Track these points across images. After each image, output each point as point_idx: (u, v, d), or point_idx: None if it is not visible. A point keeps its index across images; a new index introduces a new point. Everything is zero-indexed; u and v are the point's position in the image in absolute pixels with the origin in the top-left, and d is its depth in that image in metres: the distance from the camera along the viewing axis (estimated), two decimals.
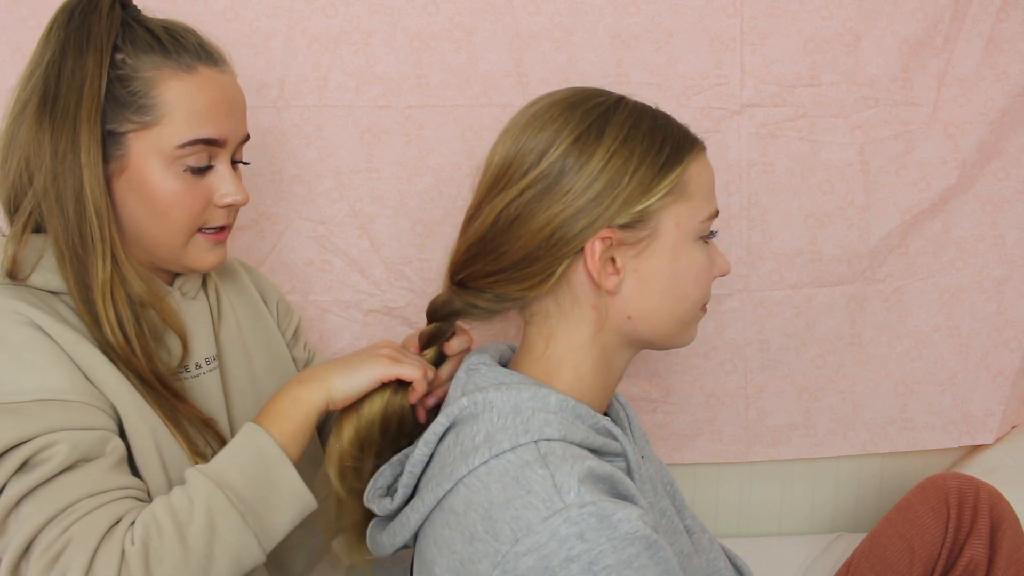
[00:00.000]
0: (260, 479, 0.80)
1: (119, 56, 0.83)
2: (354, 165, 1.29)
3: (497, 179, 0.80)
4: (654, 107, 0.83)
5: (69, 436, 0.75)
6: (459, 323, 0.92)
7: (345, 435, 0.88)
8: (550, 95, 0.83)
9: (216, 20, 1.22)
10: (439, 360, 0.93)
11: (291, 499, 0.82)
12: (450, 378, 0.94)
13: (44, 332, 0.79)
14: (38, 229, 0.85)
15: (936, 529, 1.10)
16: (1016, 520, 1.09)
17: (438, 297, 0.89)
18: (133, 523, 0.75)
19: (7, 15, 1.20)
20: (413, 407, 0.91)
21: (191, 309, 0.95)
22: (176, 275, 0.95)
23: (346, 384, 0.86)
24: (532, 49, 1.27)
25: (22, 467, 0.74)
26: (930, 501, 1.12)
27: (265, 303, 1.11)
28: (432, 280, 1.32)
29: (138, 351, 0.83)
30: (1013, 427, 1.47)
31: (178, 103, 0.83)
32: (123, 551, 0.72)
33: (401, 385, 0.90)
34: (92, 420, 0.78)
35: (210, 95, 0.85)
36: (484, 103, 1.28)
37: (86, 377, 0.80)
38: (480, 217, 0.81)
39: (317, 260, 1.32)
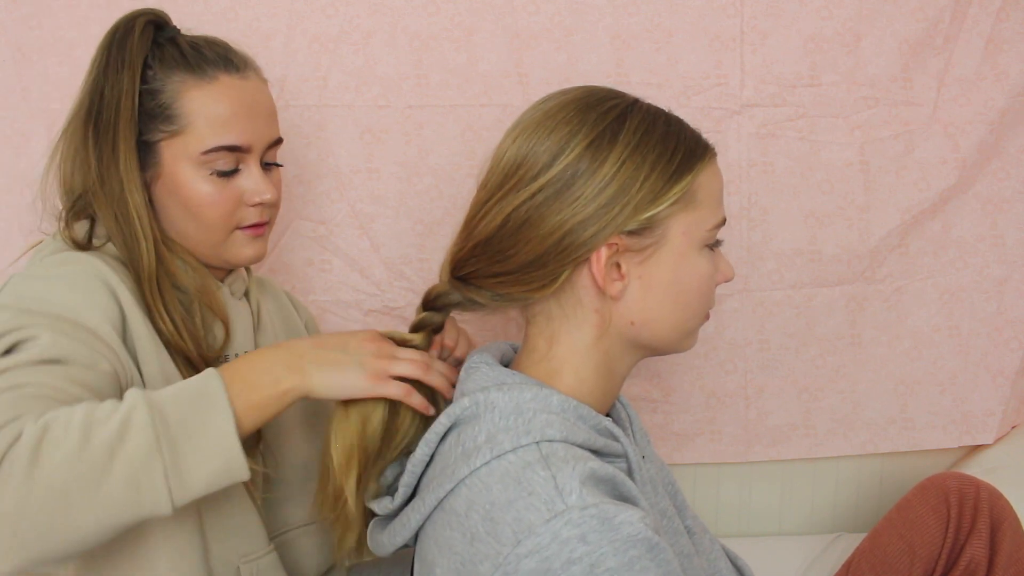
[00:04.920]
0: (192, 414, 0.75)
1: (150, 72, 0.92)
2: (354, 165, 1.29)
3: (506, 178, 0.79)
4: (667, 111, 0.82)
5: (53, 336, 0.78)
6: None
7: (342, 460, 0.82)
8: (562, 93, 0.81)
9: (216, 20, 1.22)
10: (427, 347, 0.90)
11: (216, 449, 0.75)
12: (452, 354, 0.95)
13: (111, 290, 0.86)
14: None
15: (936, 529, 1.10)
16: (1016, 520, 1.09)
17: (435, 287, 0.88)
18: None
19: (7, 15, 1.20)
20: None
21: (236, 307, 1.01)
22: (226, 275, 1.01)
23: (326, 387, 0.83)
24: (532, 49, 1.27)
25: (6, 353, 0.77)
26: (930, 501, 1.12)
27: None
28: (432, 280, 1.30)
29: (186, 336, 0.90)
30: (1013, 427, 1.46)
31: (199, 112, 0.91)
32: (22, 431, 0.69)
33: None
34: (94, 344, 0.81)
35: (229, 102, 0.93)
36: (484, 103, 1.28)
37: (123, 335, 0.85)
38: (487, 217, 0.79)
39: (317, 260, 1.32)
